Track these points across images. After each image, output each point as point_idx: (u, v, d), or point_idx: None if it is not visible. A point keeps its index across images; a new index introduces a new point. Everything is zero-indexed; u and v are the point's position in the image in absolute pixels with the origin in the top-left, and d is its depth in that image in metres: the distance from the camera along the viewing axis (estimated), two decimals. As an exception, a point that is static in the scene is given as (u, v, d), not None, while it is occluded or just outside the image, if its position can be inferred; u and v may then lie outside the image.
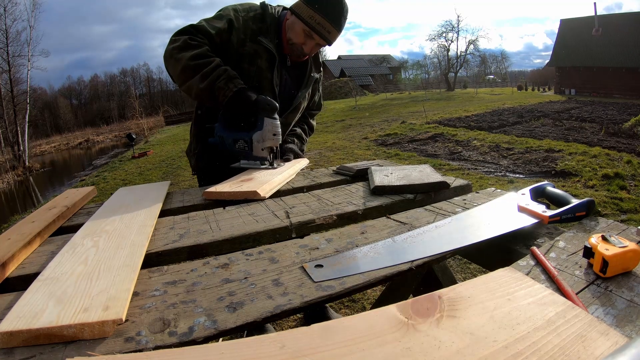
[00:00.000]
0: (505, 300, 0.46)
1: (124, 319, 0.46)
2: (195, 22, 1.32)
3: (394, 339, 0.40)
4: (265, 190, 1.01)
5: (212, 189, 1.04)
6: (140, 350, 0.42)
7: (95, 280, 0.55)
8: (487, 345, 0.38)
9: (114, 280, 0.55)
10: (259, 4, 1.41)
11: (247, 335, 0.42)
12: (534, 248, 0.59)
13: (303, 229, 0.80)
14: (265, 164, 1.29)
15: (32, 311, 0.47)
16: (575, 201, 0.71)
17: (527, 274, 0.53)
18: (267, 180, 1.09)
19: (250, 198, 0.98)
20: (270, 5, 1.41)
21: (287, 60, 1.43)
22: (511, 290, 0.48)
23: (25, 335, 0.44)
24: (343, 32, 1.37)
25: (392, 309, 0.45)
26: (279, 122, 1.26)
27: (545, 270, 0.54)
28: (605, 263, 0.50)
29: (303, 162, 1.48)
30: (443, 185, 0.96)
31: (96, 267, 0.60)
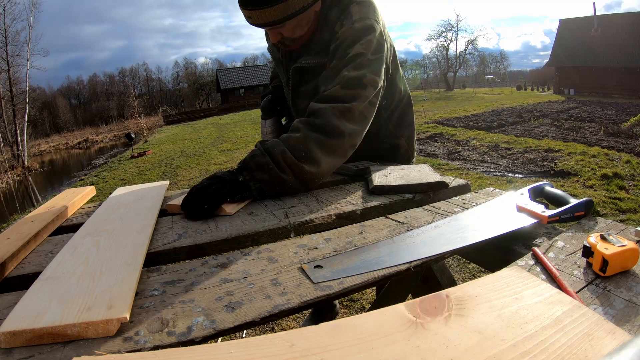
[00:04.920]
0: (513, 299, 0.46)
1: (128, 318, 0.46)
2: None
3: (402, 337, 0.40)
4: (230, 207, 0.89)
5: (175, 201, 0.93)
6: (139, 350, 0.42)
7: (97, 279, 0.55)
8: (495, 344, 0.38)
9: (116, 280, 0.55)
10: None
11: (246, 335, 0.42)
12: (535, 248, 0.59)
13: (302, 229, 0.80)
14: None
15: (35, 311, 0.47)
16: (574, 201, 0.71)
17: (526, 274, 0.53)
18: None
19: (215, 214, 0.88)
20: None
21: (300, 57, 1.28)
22: (518, 289, 0.48)
23: (29, 335, 0.43)
24: None
25: (400, 307, 0.45)
26: None
27: (545, 270, 0.54)
28: (605, 262, 0.51)
29: None
30: (442, 185, 0.96)
31: (98, 267, 0.60)
